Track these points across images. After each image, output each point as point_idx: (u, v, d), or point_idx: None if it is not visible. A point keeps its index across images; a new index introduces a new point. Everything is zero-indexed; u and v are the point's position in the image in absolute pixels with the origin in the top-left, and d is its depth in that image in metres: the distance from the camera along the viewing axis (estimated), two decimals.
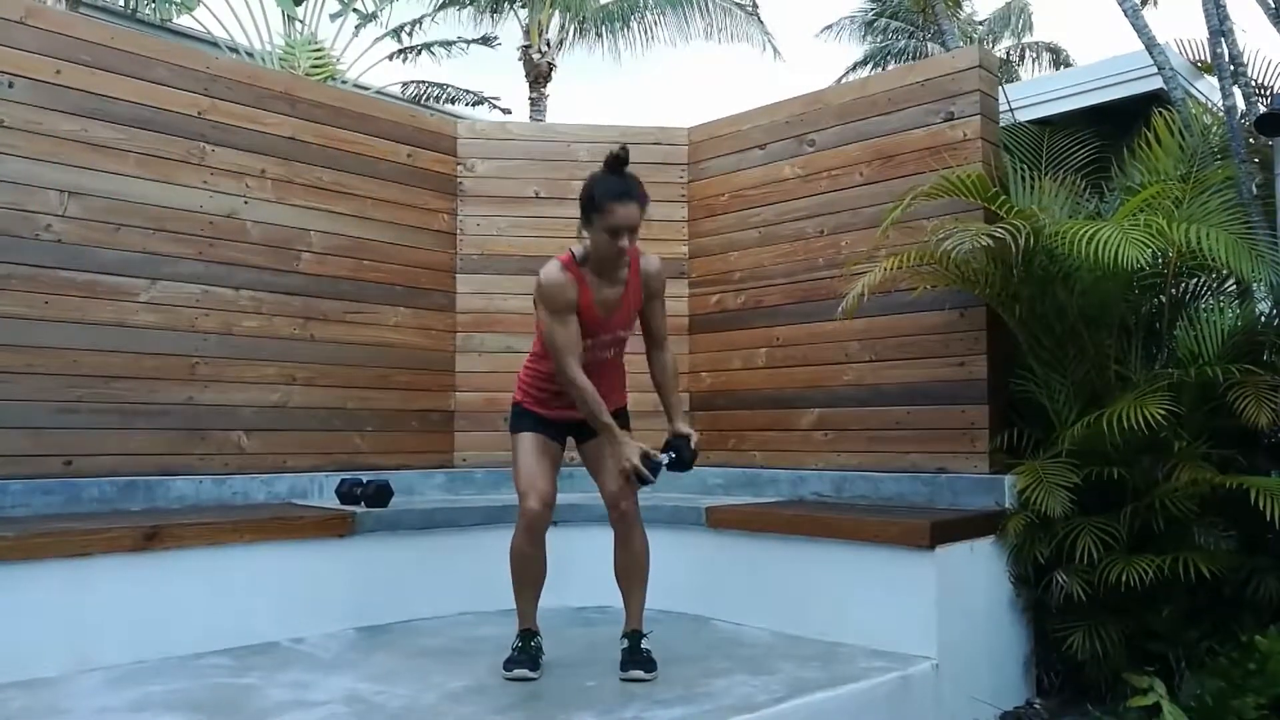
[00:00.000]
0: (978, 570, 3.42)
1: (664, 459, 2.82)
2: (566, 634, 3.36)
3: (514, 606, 2.99)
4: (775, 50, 13.93)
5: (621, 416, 3.01)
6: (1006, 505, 3.62)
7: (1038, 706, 3.46)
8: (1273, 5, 4.05)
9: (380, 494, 3.86)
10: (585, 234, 2.82)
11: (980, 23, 18.34)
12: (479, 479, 4.66)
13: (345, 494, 3.95)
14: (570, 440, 3.07)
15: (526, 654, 2.88)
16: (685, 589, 3.77)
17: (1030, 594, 3.55)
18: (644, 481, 2.79)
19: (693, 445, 2.89)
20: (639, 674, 2.82)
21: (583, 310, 2.83)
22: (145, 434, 3.82)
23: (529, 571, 2.96)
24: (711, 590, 3.79)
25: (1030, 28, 18.19)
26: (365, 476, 4.04)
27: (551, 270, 2.82)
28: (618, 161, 2.76)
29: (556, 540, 3.02)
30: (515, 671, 2.83)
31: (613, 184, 2.75)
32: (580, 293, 2.82)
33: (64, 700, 2.61)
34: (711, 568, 3.82)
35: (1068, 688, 3.53)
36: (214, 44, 9.75)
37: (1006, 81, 4.53)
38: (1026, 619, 3.59)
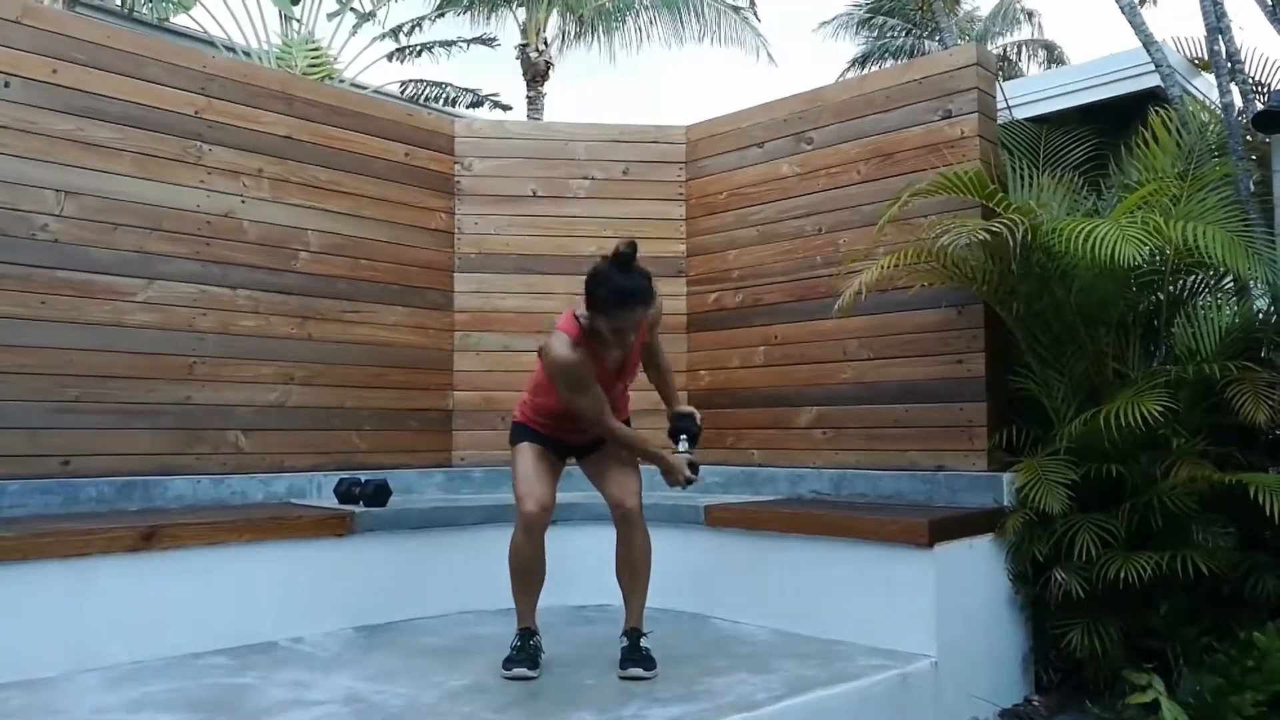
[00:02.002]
0: (976, 568, 3.42)
1: (686, 449, 3.02)
2: (566, 633, 3.35)
3: (513, 606, 2.99)
4: (769, 55, 13.96)
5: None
6: (1005, 503, 3.62)
7: (1036, 704, 3.47)
8: (1270, 3, 4.05)
9: (379, 493, 3.86)
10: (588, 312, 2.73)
11: (980, 20, 18.34)
12: (477, 478, 4.65)
13: (344, 493, 3.95)
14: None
15: (525, 653, 2.88)
16: (684, 587, 3.77)
17: (1029, 591, 3.55)
18: (691, 482, 3.03)
19: (698, 421, 3.12)
20: (638, 672, 2.82)
21: (599, 375, 2.84)
22: (143, 434, 3.82)
23: (528, 571, 2.97)
24: (710, 588, 3.79)
25: (1015, 26, 18.19)
26: (363, 476, 4.04)
27: (564, 351, 2.73)
28: (623, 259, 2.65)
29: (555, 539, 3.02)
30: (514, 670, 2.83)
31: (618, 287, 2.63)
32: (596, 365, 2.82)
33: (62, 700, 2.61)
34: (710, 566, 3.82)
35: (1066, 685, 3.54)
36: (210, 43, 9.73)
37: (1010, 78, 4.52)
38: (1025, 616, 3.59)
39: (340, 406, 4.39)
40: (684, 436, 3.03)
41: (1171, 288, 3.73)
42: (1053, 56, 17.62)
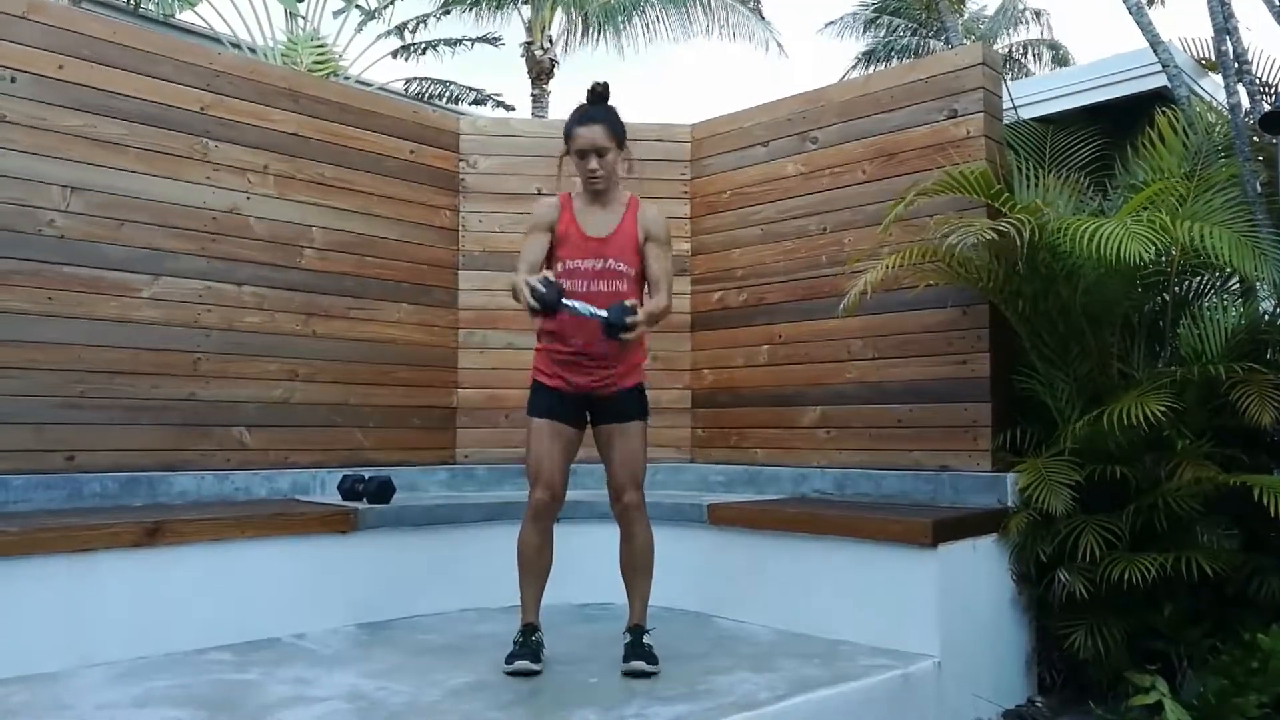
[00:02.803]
0: (980, 568, 3.42)
1: (585, 308, 2.67)
2: (568, 630, 3.36)
3: (516, 603, 2.99)
4: (779, 45, 13.92)
5: (634, 397, 2.96)
6: (1009, 503, 3.62)
7: (1039, 704, 3.46)
8: (1277, 3, 4.04)
9: (382, 490, 3.86)
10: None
11: (985, 19, 18.31)
12: (481, 475, 4.66)
13: (347, 490, 3.96)
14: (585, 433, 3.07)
15: (527, 648, 2.88)
16: (687, 586, 3.77)
17: (1032, 592, 3.55)
18: (539, 307, 2.62)
19: (628, 315, 2.65)
20: (641, 666, 2.82)
21: (565, 229, 2.93)
22: (148, 429, 3.83)
23: (533, 561, 2.97)
24: (713, 587, 3.79)
25: (1021, 25, 18.13)
26: (367, 473, 4.04)
27: (543, 198, 3.08)
28: (594, 94, 2.95)
29: (559, 536, 3.02)
30: (516, 664, 2.83)
31: (579, 110, 2.93)
32: (561, 216, 2.95)
33: (66, 696, 2.61)
34: (713, 565, 3.82)
35: (1069, 686, 3.53)
36: (216, 40, 9.75)
37: (1018, 78, 4.51)
38: (1028, 617, 3.58)
39: (344, 403, 4.40)
40: (605, 313, 2.65)
41: (1177, 288, 3.73)
42: (1058, 57, 17.58)
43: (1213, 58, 4.22)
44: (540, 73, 13.79)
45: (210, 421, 3.99)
